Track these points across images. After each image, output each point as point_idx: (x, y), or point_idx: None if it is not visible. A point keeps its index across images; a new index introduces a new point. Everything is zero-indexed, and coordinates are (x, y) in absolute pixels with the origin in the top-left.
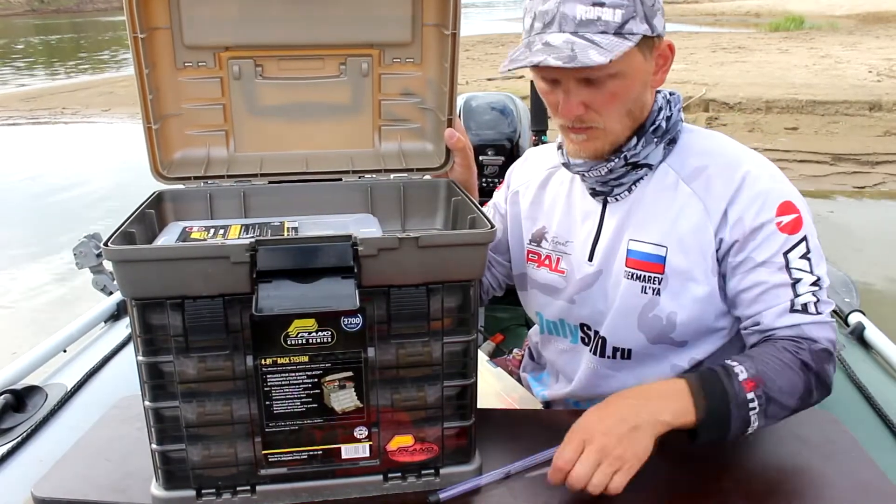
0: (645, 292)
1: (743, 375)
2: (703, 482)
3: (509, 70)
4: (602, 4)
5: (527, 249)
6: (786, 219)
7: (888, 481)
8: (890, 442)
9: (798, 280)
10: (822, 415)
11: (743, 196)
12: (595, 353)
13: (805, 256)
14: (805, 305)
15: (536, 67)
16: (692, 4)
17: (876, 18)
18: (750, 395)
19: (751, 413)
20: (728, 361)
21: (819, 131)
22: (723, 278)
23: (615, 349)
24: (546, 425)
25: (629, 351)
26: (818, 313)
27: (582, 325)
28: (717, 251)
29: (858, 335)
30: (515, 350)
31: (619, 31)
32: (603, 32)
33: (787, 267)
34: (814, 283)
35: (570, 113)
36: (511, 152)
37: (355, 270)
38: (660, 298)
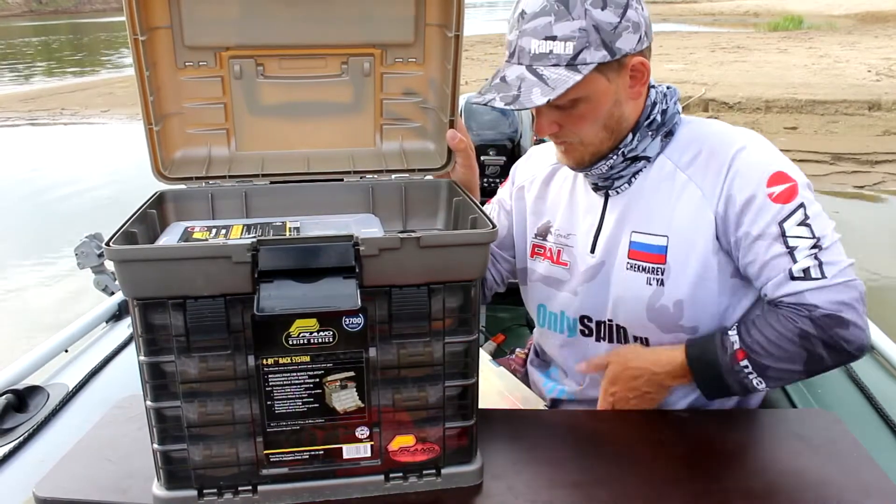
0: (650, 283)
1: (736, 345)
2: (703, 482)
3: (473, 104)
4: (553, 38)
5: (532, 244)
6: (778, 189)
7: (889, 482)
8: (891, 442)
9: (795, 248)
10: (824, 415)
11: (734, 171)
12: (614, 341)
13: (803, 223)
14: (806, 270)
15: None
16: (690, 4)
17: (874, 18)
18: (743, 363)
19: (747, 378)
20: (730, 329)
21: (818, 131)
22: (727, 255)
23: (636, 338)
24: (548, 425)
25: (646, 340)
26: (822, 276)
27: (582, 318)
28: (714, 229)
29: None
30: (518, 350)
31: (570, 63)
32: (555, 65)
33: (784, 236)
34: (814, 247)
35: (543, 132)
36: (512, 152)
37: (357, 270)
38: (664, 289)
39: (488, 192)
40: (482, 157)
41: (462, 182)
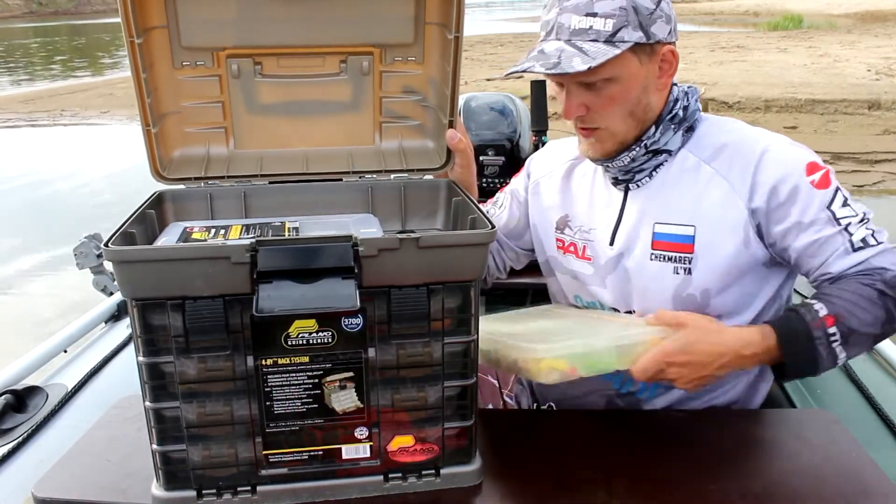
0: (677, 272)
1: (823, 312)
2: (702, 482)
3: (507, 75)
4: (594, 15)
5: (556, 238)
6: (816, 176)
7: (889, 482)
8: (890, 442)
9: (848, 224)
10: (823, 415)
11: (768, 166)
12: None
13: (845, 204)
14: (864, 240)
15: (547, 73)
16: (690, 4)
17: (874, 17)
18: (832, 330)
19: (833, 348)
20: (809, 300)
21: (818, 130)
22: (761, 245)
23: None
24: (548, 425)
25: None
26: (878, 243)
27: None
28: (752, 222)
29: None
30: None
31: (609, 40)
32: (594, 41)
33: (835, 218)
34: (862, 220)
35: (571, 113)
36: (511, 152)
37: (356, 271)
38: (692, 277)
39: (487, 193)
40: (481, 158)
41: (459, 181)
